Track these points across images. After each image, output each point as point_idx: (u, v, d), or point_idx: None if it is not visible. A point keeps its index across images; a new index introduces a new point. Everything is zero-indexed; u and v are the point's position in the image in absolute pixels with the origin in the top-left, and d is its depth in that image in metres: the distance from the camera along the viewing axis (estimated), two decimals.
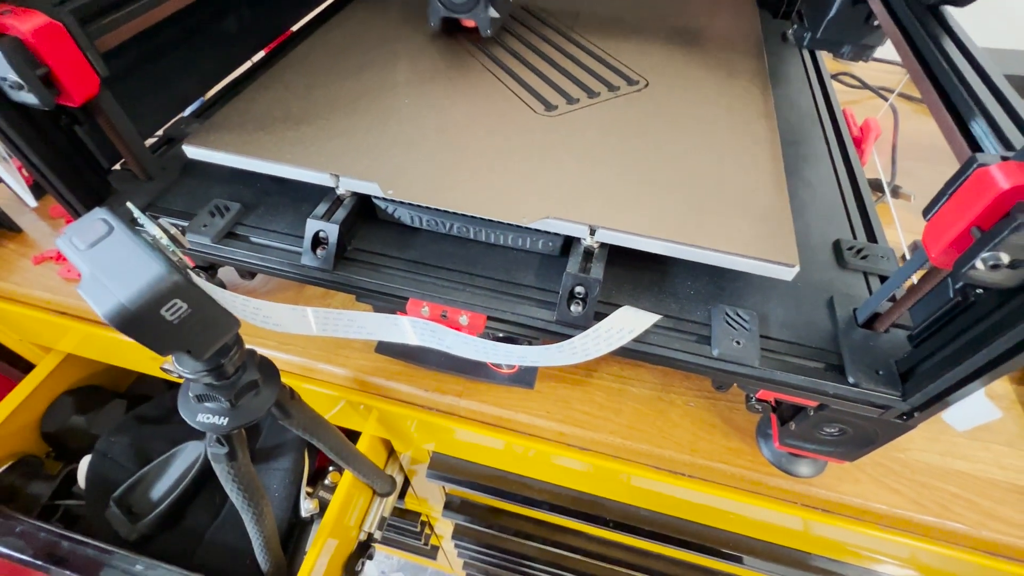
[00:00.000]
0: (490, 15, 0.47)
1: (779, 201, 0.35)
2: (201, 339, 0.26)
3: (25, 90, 0.30)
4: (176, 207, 0.40)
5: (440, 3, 0.48)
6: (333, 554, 0.53)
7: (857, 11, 0.47)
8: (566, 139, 0.40)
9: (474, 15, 0.48)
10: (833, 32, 0.49)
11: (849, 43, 0.49)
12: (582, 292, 0.33)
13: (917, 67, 0.33)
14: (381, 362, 0.46)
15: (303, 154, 0.37)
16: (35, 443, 0.62)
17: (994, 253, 0.22)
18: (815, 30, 0.50)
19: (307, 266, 0.36)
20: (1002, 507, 0.40)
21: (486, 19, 0.47)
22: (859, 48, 0.49)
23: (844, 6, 0.47)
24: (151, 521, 0.53)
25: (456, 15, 0.48)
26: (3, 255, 0.54)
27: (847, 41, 0.49)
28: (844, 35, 0.49)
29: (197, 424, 0.33)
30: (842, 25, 0.48)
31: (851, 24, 0.48)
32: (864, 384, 0.31)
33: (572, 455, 0.45)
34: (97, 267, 0.23)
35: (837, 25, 0.49)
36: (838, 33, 0.49)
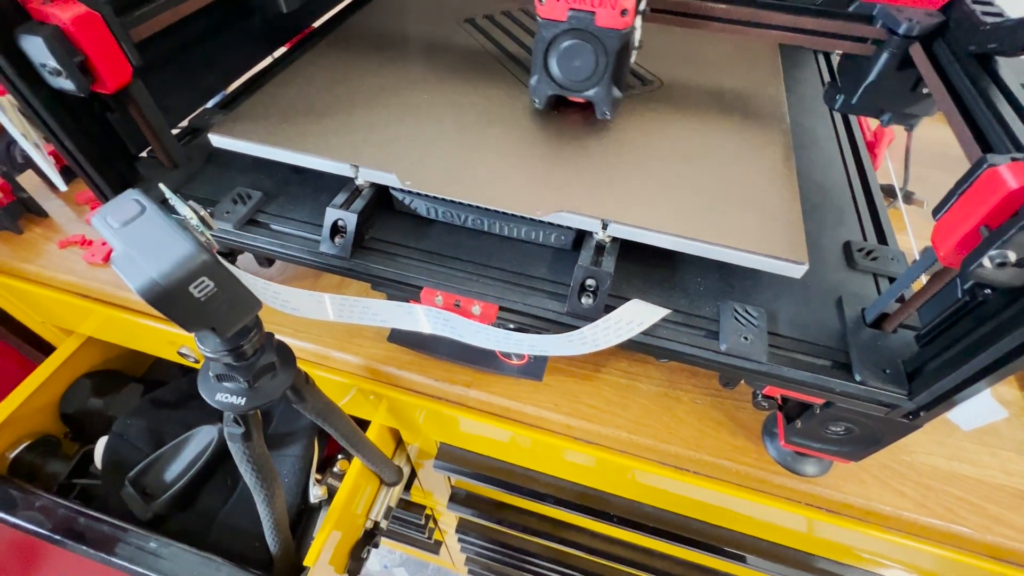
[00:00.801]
0: (613, 95, 0.38)
1: (790, 200, 0.35)
2: (225, 317, 0.27)
3: (63, 76, 0.32)
4: (200, 194, 0.41)
5: (550, 78, 0.39)
6: (340, 541, 0.54)
7: (902, 76, 0.39)
8: (580, 136, 0.40)
9: (594, 95, 0.38)
10: (872, 98, 0.40)
11: (891, 110, 0.41)
12: (593, 285, 0.34)
13: (931, 69, 0.33)
14: (393, 351, 0.47)
15: (325, 145, 0.38)
16: (54, 424, 0.64)
17: (1002, 251, 0.23)
18: (850, 94, 0.41)
19: (326, 253, 0.37)
20: (1008, 512, 0.40)
21: (608, 99, 0.38)
22: (902, 116, 0.41)
23: (888, 70, 0.38)
24: (165, 501, 0.54)
25: (571, 93, 0.39)
26: (30, 239, 0.56)
27: (889, 109, 0.41)
28: (885, 102, 0.40)
29: (216, 403, 0.34)
30: (884, 91, 0.40)
31: (895, 91, 0.40)
32: (871, 382, 0.31)
33: (579, 448, 0.46)
34: (130, 244, 0.24)
35: (878, 90, 0.40)
36: (878, 99, 0.40)
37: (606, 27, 0.34)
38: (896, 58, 0.37)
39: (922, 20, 0.35)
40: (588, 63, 0.37)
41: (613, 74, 0.37)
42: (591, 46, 0.36)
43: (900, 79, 0.38)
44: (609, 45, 0.35)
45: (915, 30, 0.35)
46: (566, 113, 0.43)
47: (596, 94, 0.39)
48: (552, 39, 0.36)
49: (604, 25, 0.34)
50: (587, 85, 0.38)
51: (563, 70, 0.38)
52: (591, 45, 0.36)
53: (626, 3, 0.33)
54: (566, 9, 0.35)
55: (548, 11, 0.35)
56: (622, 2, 0.33)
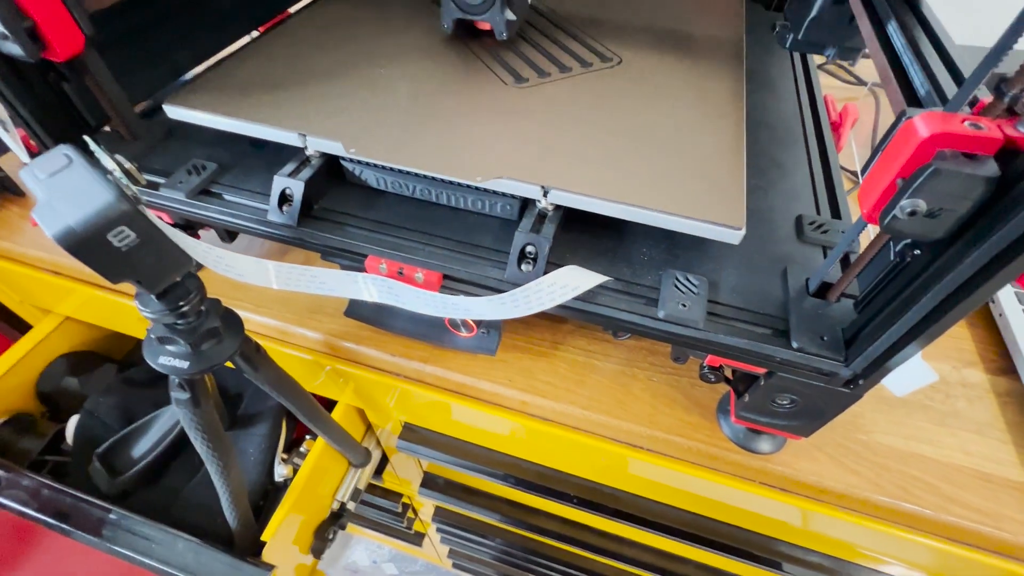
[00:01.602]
0: (507, 17, 0.44)
1: (734, 169, 0.35)
2: (151, 271, 0.28)
3: (10, 40, 0.32)
4: (157, 166, 0.42)
5: (454, 4, 0.45)
6: (304, 519, 0.54)
7: (840, 11, 0.45)
8: (533, 109, 0.40)
9: (490, 17, 0.45)
10: (816, 33, 0.47)
11: (833, 45, 0.47)
12: (533, 252, 0.34)
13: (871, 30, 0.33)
14: (351, 327, 0.47)
15: (275, 115, 0.38)
16: (31, 402, 0.64)
17: (913, 200, 0.22)
18: (797, 31, 0.48)
19: (273, 222, 0.38)
20: (964, 492, 0.39)
21: (502, 22, 0.45)
22: (843, 51, 0.47)
23: (826, 5, 0.45)
24: (130, 477, 0.55)
25: (471, 17, 0.46)
26: (6, 217, 0.57)
27: (830, 43, 0.47)
28: (827, 37, 0.47)
29: (158, 366, 0.34)
30: (825, 26, 0.46)
31: (835, 25, 0.46)
32: (808, 349, 0.31)
33: (534, 426, 0.45)
34: (53, 194, 0.25)
35: (820, 26, 0.46)
36: (822, 34, 0.47)
37: None
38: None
39: None
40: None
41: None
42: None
43: (838, 13, 0.44)
44: None
45: None
46: (524, 88, 0.43)
47: (492, 17, 0.45)
48: None
49: None
50: (483, 8, 0.44)
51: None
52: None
53: None
54: None
55: None
56: None
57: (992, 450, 0.41)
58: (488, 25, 0.46)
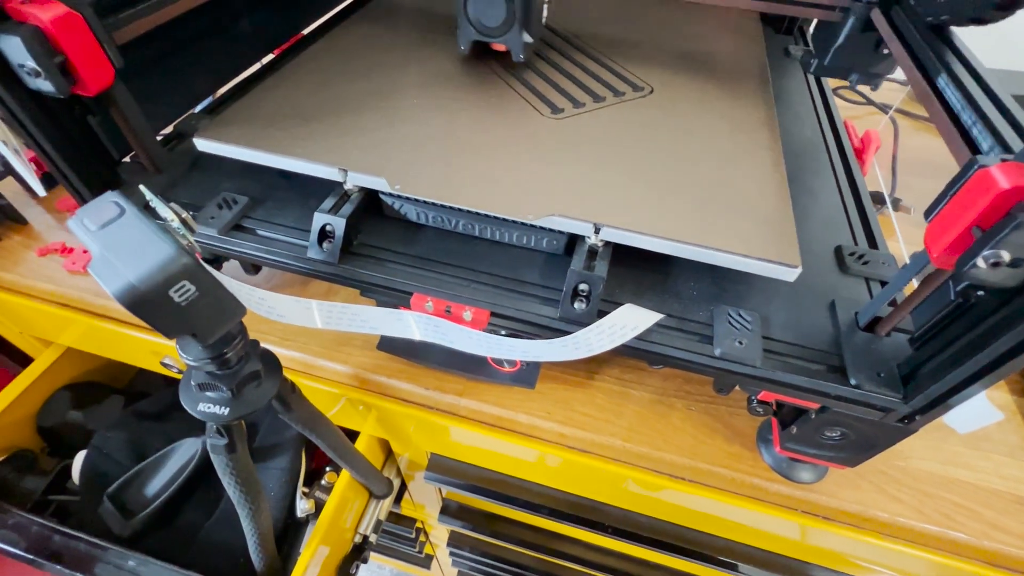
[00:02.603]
0: (523, 40, 0.44)
1: (781, 204, 0.35)
2: (207, 323, 0.26)
3: (42, 77, 0.31)
4: (184, 199, 0.40)
5: (471, 26, 0.45)
6: (327, 556, 0.53)
7: (866, 39, 0.45)
8: (571, 141, 0.40)
9: (507, 40, 0.45)
10: (842, 60, 0.47)
11: (858, 71, 0.47)
12: (586, 289, 0.33)
13: (919, 78, 0.33)
14: (382, 359, 0.46)
15: (312, 149, 0.37)
16: (30, 438, 0.62)
17: (995, 251, 0.22)
18: (823, 57, 0.48)
19: (313, 259, 0.37)
20: (1004, 518, 0.39)
21: (519, 44, 0.45)
22: (868, 76, 0.48)
23: (853, 33, 0.46)
24: (145, 518, 0.52)
25: (488, 39, 0.45)
26: (8, 247, 0.54)
27: (856, 69, 0.47)
28: (853, 63, 0.47)
29: (198, 413, 0.33)
30: (851, 53, 0.47)
31: (860, 52, 0.46)
32: (866, 386, 0.31)
33: (572, 457, 0.45)
34: (108, 247, 0.23)
35: (846, 53, 0.47)
36: (847, 60, 0.47)
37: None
38: (860, 22, 0.43)
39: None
40: (499, 11, 0.43)
41: (523, 21, 0.43)
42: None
43: (864, 41, 0.45)
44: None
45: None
46: (559, 119, 0.43)
47: (509, 39, 0.45)
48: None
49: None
50: (501, 31, 0.44)
51: (480, 16, 0.44)
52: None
53: None
54: None
55: None
56: None
57: None
58: (504, 47, 0.46)
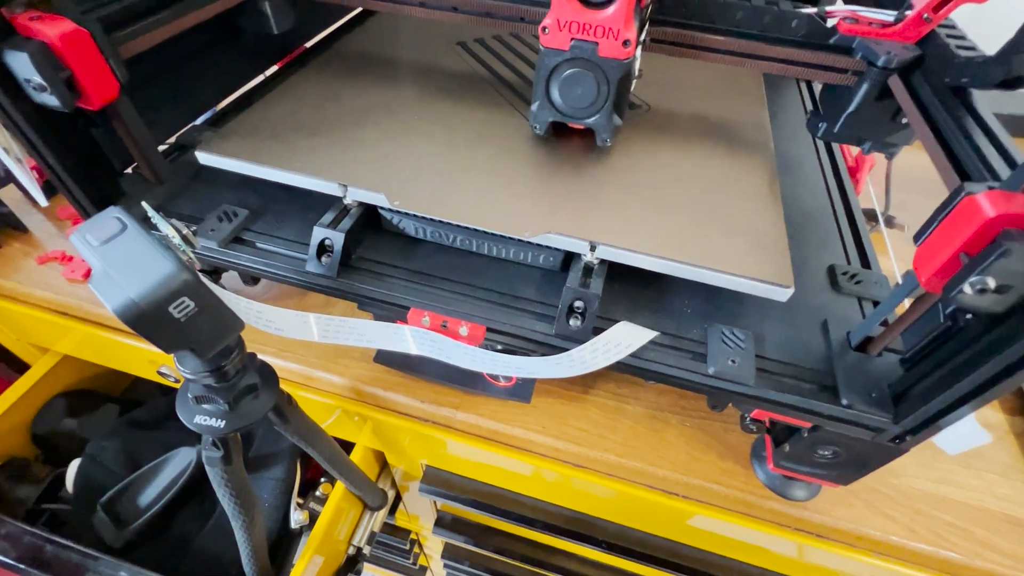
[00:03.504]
0: (614, 123, 0.39)
1: (775, 224, 0.36)
2: (206, 338, 0.27)
3: (48, 92, 0.31)
4: (185, 211, 0.41)
5: (551, 105, 0.39)
6: (321, 567, 0.53)
7: (882, 107, 0.39)
8: (569, 158, 0.41)
9: (595, 122, 0.39)
10: (854, 127, 0.41)
11: (871, 139, 0.41)
12: (581, 307, 0.34)
13: (909, 100, 0.34)
14: (379, 372, 0.46)
15: (313, 163, 0.38)
16: (24, 445, 0.61)
17: (981, 278, 0.23)
18: (832, 122, 0.42)
19: (312, 273, 0.37)
20: (996, 537, 0.40)
21: (608, 127, 0.39)
22: (882, 146, 0.42)
23: (867, 100, 0.39)
24: (138, 528, 0.52)
25: (570, 120, 0.39)
26: (8, 254, 0.55)
27: (869, 137, 0.41)
28: (865, 131, 0.41)
29: (194, 426, 0.33)
30: (864, 120, 0.40)
31: (875, 120, 0.40)
32: (858, 406, 0.31)
33: (567, 472, 0.45)
34: (109, 263, 0.24)
35: (858, 120, 0.41)
36: (860, 129, 0.41)
37: (609, 57, 0.35)
38: (875, 89, 0.38)
39: (899, 53, 0.36)
40: (590, 91, 0.37)
41: (615, 102, 0.37)
42: (593, 75, 0.36)
43: (879, 109, 0.39)
44: (611, 74, 0.36)
45: (893, 63, 0.36)
46: (556, 135, 0.43)
47: (597, 122, 0.39)
48: (554, 67, 0.36)
49: (607, 55, 0.35)
50: (588, 112, 0.38)
51: (565, 98, 0.38)
52: (593, 74, 0.36)
53: (628, 34, 0.34)
54: (569, 39, 0.35)
55: (551, 40, 0.35)
56: (624, 33, 0.34)
57: (1018, 492, 0.42)
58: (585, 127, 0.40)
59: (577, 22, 0.34)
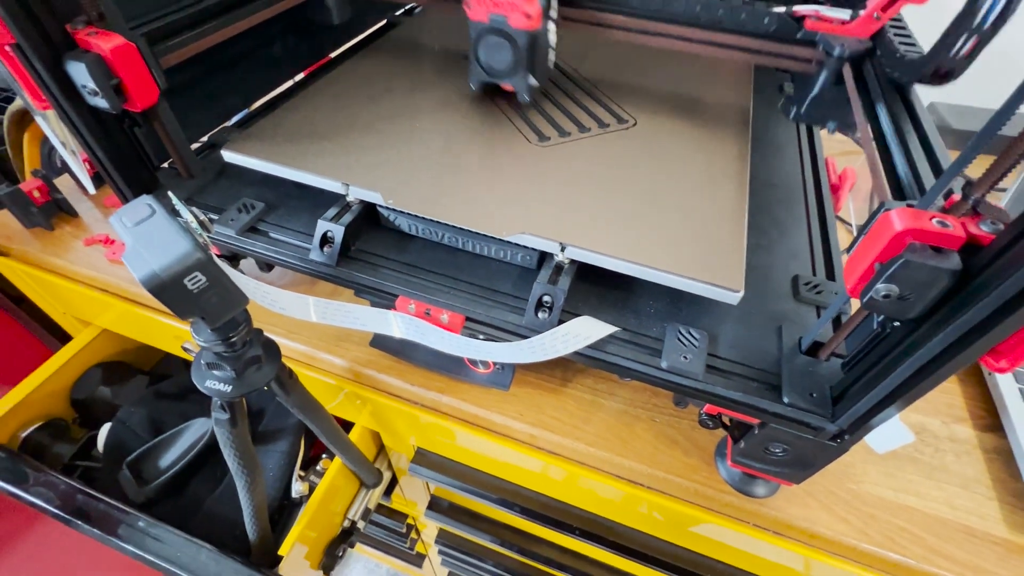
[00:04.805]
0: (529, 82, 0.47)
1: (736, 233, 0.39)
2: (215, 309, 0.31)
3: (99, 96, 0.37)
4: (210, 203, 0.46)
5: (481, 68, 0.48)
6: (316, 536, 0.57)
7: (840, 91, 0.46)
8: (553, 167, 0.44)
9: (514, 82, 0.48)
10: (818, 109, 0.49)
11: (834, 120, 0.49)
12: (549, 301, 0.37)
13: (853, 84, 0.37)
14: (374, 356, 0.51)
15: (321, 164, 0.42)
16: (64, 408, 0.68)
17: (887, 285, 0.26)
18: (800, 105, 0.50)
19: (314, 261, 0.41)
20: (948, 545, 0.41)
21: (524, 86, 0.48)
22: (844, 126, 0.49)
23: (827, 85, 0.47)
24: (157, 487, 0.58)
25: (496, 80, 0.49)
26: (60, 236, 0.61)
27: (832, 118, 0.49)
28: (828, 113, 0.49)
29: (205, 389, 0.38)
30: (826, 103, 0.49)
31: (835, 103, 0.48)
32: (798, 404, 0.34)
33: (540, 457, 0.48)
34: (139, 241, 0.29)
35: (821, 103, 0.49)
36: (823, 110, 0.49)
37: (518, 28, 0.43)
38: (833, 75, 0.45)
39: (852, 45, 0.43)
40: (507, 56, 0.46)
41: (528, 65, 0.46)
42: (508, 42, 0.44)
43: (837, 93, 0.46)
44: (521, 42, 0.44)
45: (845, 52, 0.43)
46: (545, 147, 0.47)
47: (515, 82, 0.48)
48: (479, 36, 0.45)
49: (516, 26, 0.43)
50: (509, 74, 0.47)
51: (490, 61, 0.47)
52: (507, 41, 0.44)
53: (530, 9, 0.42)
54: (487, 12, 0.44)
55: (474, 13, 0.44)
56: (527, 8, 0.42)
57: (977, 505, 0.43)
58: (511, 87, 0.49)
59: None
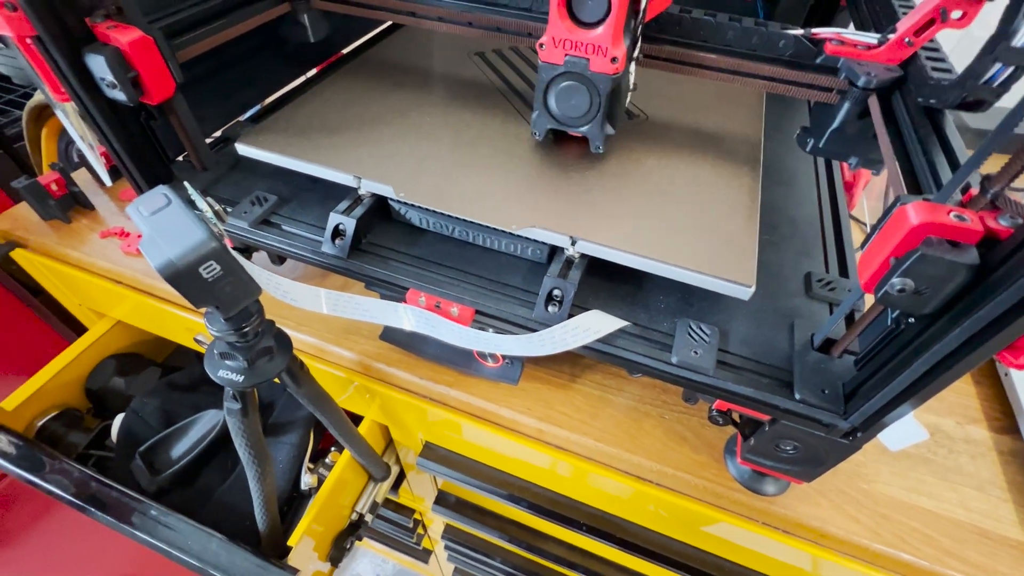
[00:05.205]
0: (605, 131, 0.42)
1: (748, 228, 0.38)
2: (228, 297, 0.32)
3: (117, 89, 0.38)
4: (224, 195, 0.47)
5: (549, 115, 0.42)
6: (324, 527, 0.57)
7: (864, 124, 0.41)
8: (564, 162, 0.44)
9: (588, 131, 0.42)
10: (838, 143, 0.43)
11: (856, 155, 0.43)
12: (559, 295, 0.37)
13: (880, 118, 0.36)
14: (384, 349, 0.51)
15: (333, 158, 0.43)
16: (79, 398, 0.69)
17: (902, 280, 0.25)
18: (818, 138, 0.44)
19: (326, 253, 0.42)
20: (962, 547, 0.40)
21: (600, 135, 0.42)
22: (867, 162, 0.43)
23: (850, 118, 0.41)
24: (169, 476, 0.58)
25: (566, 128, 0.43)
26: (76, 228, 0.62)
27: (854, 153, 0.43)
28: (850, 147, 0.43)
29: (217, 378, 0.38)
30: (848, 137, 0.42)
31: (857, 137, 0.42)
32: (809, 400, 0.33)
33: (549, 453, 0.48)
34: (155, 230, 0.29)
35: (842, 136, 0.42)
36: (844, 145, 0.43)
37: (598, 72, 0.38)
38: (857, 107, 0.40)
39: (880, 74, 0.38)
40: (583, 102, 0.40)
41: (606, 113, 0.41)
42: (585, 87, 0.39)
43: (861, 127, 0.41)
44: (601, 88, 0.39)
45: (872, 83, 0.38)
46: (555, 142, 0.47)
47: (590, 130, 0.42)
48: (551, 80, 0.40)
49: (597, 70, 0.38)
50: (582, 122, 0.42)
51: (560, 108, 0.41)
52: (585, 87, 0.39)
53: (616, 52, 0.37)
54: (563, 55, 0.39)
55: (548, 56, 0.39)
56: (612, 51, 0.37)
57: (992, 507, 0.43)
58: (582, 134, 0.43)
59: (570, 40, 0.38)
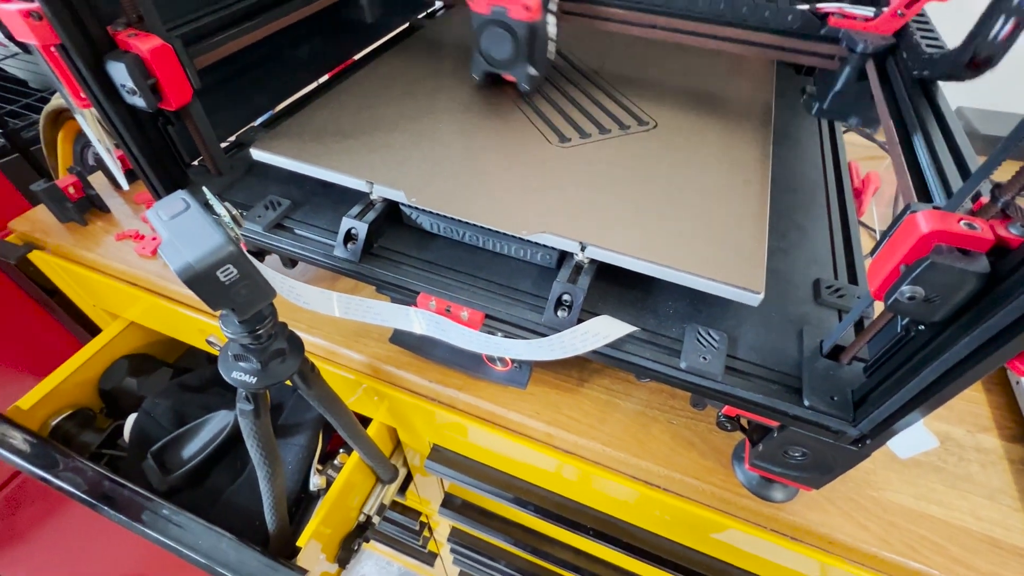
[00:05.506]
0: (528, 72, 0.49)
1: (757, 235, 0.39)
2: (244, 300, 0.32)
3: (137, 95, 0.38)
4: (238, 199, 0.47)
5: (482, 58, 0.50)
6: (332, 528, 0.58)
7: (863, 87, 0.47)
8: (574, 168, 0.45)
9: (514, 72, 0.50)
10: (840, 105, 0.50)
11: (856, 115, 0.50)
12: (569, 300, 0.38)
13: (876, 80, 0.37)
14: (394, 352, 0.51)
15: (346, 163, 0.43)
16: (92, 398, 0.70)
17: (912, 287, 0.25)
18: (823, 101, 0.51)
19: (338, 257, 0.42)
20: (972, 556, 0.40)
21: (524, 76, 0.50)
22: (865, 120, 0.50)
23: (850, 81, 0.48)
24: (180, 476, 0.59)
25: (497, 71, 0.51)
26: (92, 230, 0.63)
27: (854, 113, 0.50)
28: (851, 108, 0.50)
29: (231, 380, 0.39)
30: (848, 99, 0.49)
31: (857, 99, 0.49)
32: (818, 407, 0.34)
33: (556, 456, 0.48)
34: (174, 234, 0.30)
35: (844, 99, 0.50)
36: (845, 106, 0.50)
37: (516, 19, 0.45)
38: (856, 71, 0.46)
39: (875, 41, 0.43)
40: (508, 47, 0.48)
41: (528, 56, 0.48)
42: (508, 33, 0.46)
43: (860, 89, 0.47)
44: (520, 33, 0.46)
45: (869, 48, 0.43)
46: (566, 147, 0.47)
47: (516, 72, 0.50)
48: (481, 27, 0.47)
49: (516, 17, 0.45)
50: (509, 64, 0.49)
51: (491, 51, 0.49)
52: (508, 32, 0.46)
53: (529, 2, 0.44)
54: (488, 4, 0.45)
55: (475, 5, 0.46)
56: (526, 0, 0.44)
57: (1003, 516, 0.42)
58: (513, 78, 0.51)
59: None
